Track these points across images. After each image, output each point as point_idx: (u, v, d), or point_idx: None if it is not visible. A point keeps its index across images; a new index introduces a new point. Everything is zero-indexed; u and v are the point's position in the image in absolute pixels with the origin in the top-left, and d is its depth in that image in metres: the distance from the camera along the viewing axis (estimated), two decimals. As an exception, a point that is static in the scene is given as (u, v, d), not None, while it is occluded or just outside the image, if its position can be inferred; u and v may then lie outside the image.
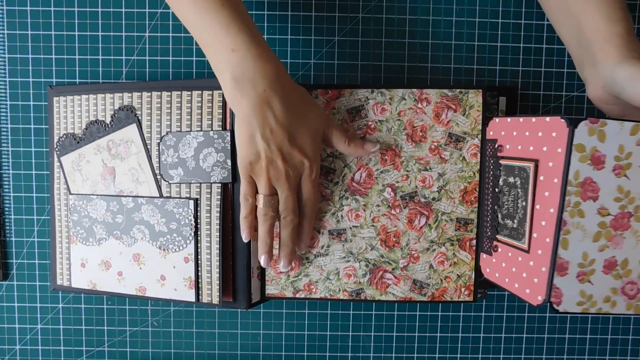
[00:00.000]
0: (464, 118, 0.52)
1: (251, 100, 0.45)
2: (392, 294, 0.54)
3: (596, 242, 0.41)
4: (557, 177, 0.41)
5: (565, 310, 0.41)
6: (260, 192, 0.49)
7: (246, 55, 0.44)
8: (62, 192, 0.58)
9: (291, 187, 0.48)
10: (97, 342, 0.63)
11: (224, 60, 0.45)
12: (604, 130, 0.39)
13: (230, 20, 0.45)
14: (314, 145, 0.48)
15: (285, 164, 0.47)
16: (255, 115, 0.45)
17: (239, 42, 0.44)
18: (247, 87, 0.45)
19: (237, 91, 0.45)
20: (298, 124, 0.47)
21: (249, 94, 0.45)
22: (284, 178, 0.47)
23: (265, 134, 0.46)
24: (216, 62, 0.46)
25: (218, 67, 0.46)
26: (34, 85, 0.59)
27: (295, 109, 0.47)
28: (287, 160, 0.47)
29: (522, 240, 0.45)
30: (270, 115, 0.45)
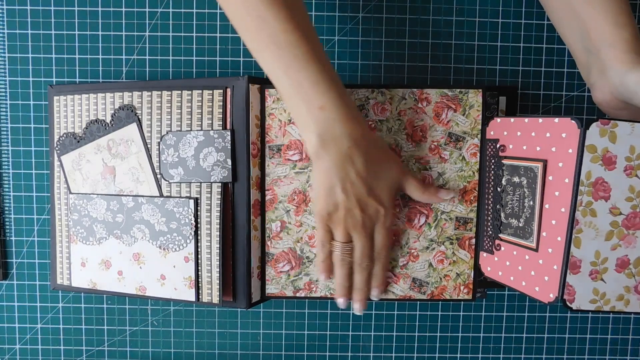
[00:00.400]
0: (463, 118, 0.52)
1: (334, 156, 0.45)
2: (392, 293, 0.54)
3: (608, 241, 0.42)
4: (568, 177, 0.41)
5: (578, 308, 0.42)
6: (337, 239, 0.50)
7: (334, 115, 0.45)
8: (62, 192, 0.59)
9: (367, 235, 0.49)
10: (97, 341, 0.63)
11: (310, 117, 0.45)
12: (615, 132, 0.40)
13: (319, 78, 0.44)
14: (390, 195, 0.49)
15: (363, 213, 0.48)
16: (337, 170, 0.46)
17: (326, 101, 0.44)
18: (332, 145, 0.45)
19: (322, 148, 0.45)
20: (377, 177, 0.48)
21: (332, 150, 0.45)
22: (360, 226, 0.48)
23: (345, 187, 0.46)
24: (300, 117, 0.46)
25: (302, 122, 0.46)
26: (34, 85, 0.59)
27: (376, 163, 0.47)
28: (364, 210, 0.48)
29: (529, 239, 0.46)
30: (352, 170, 0.46)
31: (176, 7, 0.58)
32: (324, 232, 0.50)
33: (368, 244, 0.50)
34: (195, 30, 0.58)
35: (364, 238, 0.49)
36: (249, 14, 0.44)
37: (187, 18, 0.58)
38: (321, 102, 0.44)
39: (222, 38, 0.58)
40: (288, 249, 0.54)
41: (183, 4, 0.58)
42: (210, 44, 0.59)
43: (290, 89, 0.45)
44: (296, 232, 0.54)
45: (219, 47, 0.59)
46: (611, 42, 0.46)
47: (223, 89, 0.52)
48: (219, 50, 0.59)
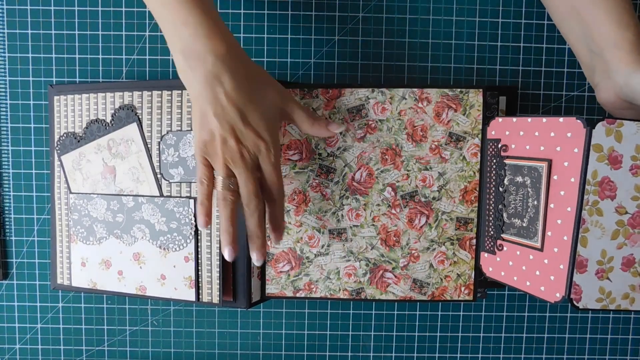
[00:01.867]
0: (464, 117, 0.52)
1: (200, 75, 0.43)
2: (392, 293, 0.54)
3: (614, 240, 0.42)
4: (574, 176, 0.41)
5: (585, 307, 0.42)
6: (217, 174, 0.46)
7: (196, 29, 0.42)
8: (62, 191, 0.58)
9: (249, 169, 0.45)
10: (97, 341, 0.63)
11: (175, 35, 0.43)
12: (621, 131, 0.40)
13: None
14: (269, 125, 0.45)
15: (239, 144, 0.44)
16: (206, 91, 0.43)
17: (190, 16, 0.43)
18: (197, 62, 0.43)
19: (187, 67, 0.43)
20: (251, 102, 0.44)
21: (198, 69, 0.43)
22: (239, 159, 0.44)
23: (216, 111, 0.43)
24: (169, 37, 0.44)
25: (170, 43, 0.44)
26: (34, 85, 0.59)
27: (249, 86, 0.44)
28: (240, 141, 0.44)
29: (534, 238, 0.46)
30: (221, 91, 0.43)
31: (176, 6, 0.58)
32: (202, 166, 0.46)
33: (251, 179, 0.45)
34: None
35: (245, 172, 0.45)
36: None
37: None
38: (184, 17, 0.42)
39: (222, 38, 0.58)
40: (288, 249, 0.54)
41: (183, 3, 0.58)
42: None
43: (158, 7, 0.44)
44: (296, 232, 0.54)
45: (219, 47, 0.59)
46: (615, 43, 0.46)
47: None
48: (219, 50, 0.59)
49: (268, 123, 0.45)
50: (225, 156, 0.45)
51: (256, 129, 0.44)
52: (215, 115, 0.43)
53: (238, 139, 0.44)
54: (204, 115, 0.44)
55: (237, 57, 0.44)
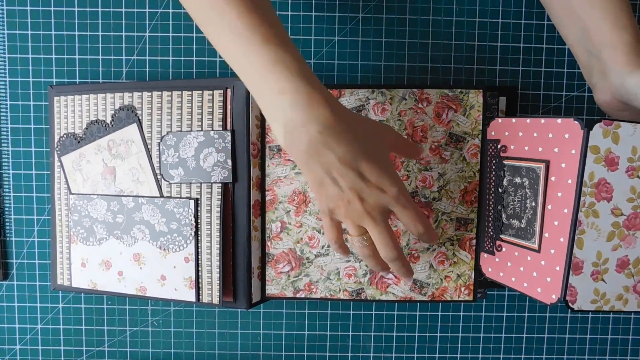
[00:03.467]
0: (464, 118, 0.52)
1: (307, 147, 0.41)
2: (393, 294, 0.54)
3: (610, 242, 0.42)
4: (571, 178, 0.41)
5: (580, 308, 0.42)
6: (350, 234, 0.46)
7: (295, 98, 0.40)
8: (62, 192, 0.58)
9: (380, 225, 0.44)
10: (97, 342, 0.63)
11: (272, 105, 0.41)
12: (618, 132, 0.40)
13: (276, 60, 0.40)
14: (387, 172, 0.43)
15: (365, 204, 0.43)
16: (316, 160, 0.41)
17: (285, 84, 0.40)
18: (300, 133, 0.40)
19: (290, 139, 0.41)
20: (365, 158, 0.42)
21: (302, 140, 0.40)
22: (367, 219, 0.43)
23: (334, 178, 0.42)
24: (264, 107, 0.42)
25: (268, 112, 0.42)
26: (34, 85, 0.59)
27: (358, 144, 0.42)
28: (365, 200, 0.42)
29: (531, 240, 0.46)
30: (332, 157, 0.41)
31: (176, 7, 0.58)
32: (329, 228, 0.46)
33: (384, 232, 0.44)
34: (195, 30, 0.58)
35: (376, 227, 0.44)
36: (203, 6, 0.42)
37: (187, 18, 0.58)
38: (279, 85, 0.40)
39: (222, 38, 0.58)
40: (288, 250, 0.54)
41: (183, 4, 0.58)
42: (210, 44, 0.58)
43: (249, 76, 0.42)
44: (296, 232, 0.54)
45: (219, 48, 0.59)
46: (612, 44, 0.46)
47: (223, 89, 0.52)
48: (219, 50, 0.59)
49: (386, 170, 0.43)
50: (354, 218, 0.44)
51: (377, 184, 0.42)
52: (333, 182, 0.42)
53: (362, 199, 0.43)
54: (321, 184, 0.43)
55: (342, 119, 0.41)
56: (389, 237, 0.44)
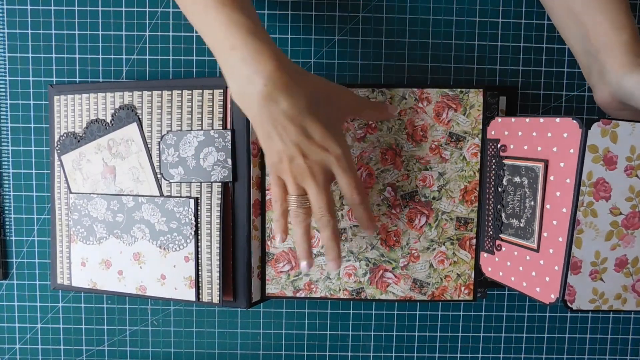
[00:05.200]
0: (464, 117, 0.52)
1: (255, 99, 0.42)
2: (393, 293, 0.54)
3: (608, 241, 0.42)
4: (569, 177, 0.41)
5: (578, 308, 0.42)
6: (289, 192, 0.46)
7: (244, 53, 0.42)
8: (62, 191, 0.58)
9: (319, 184, 0.45)
10: (97, 341, 0.63)
11: (226, 61, 0.43)
12: (616, 132, 0.40)
13: (230, 19, 0.43)
14: (334, 133, 0.44)
15: (307, 161, 0.44)
16: (263, 113, 0.43)
17: (236, 40, 0.42)
18: (249, 87, 0.42)
19: (240, 93, 0.43)
20: (311, 115, 0.43)
21: (251, 93, 0.42)
22: (308, 175, 0.44)
23: (279, 132, 0.43)
24: (221, 64, 0.44)
25: (224, 70, 0.44)
26: (34, 84, 0.59)
27: (306, 100, 0.43)
28: (306, 156, 0.44)
29: (530, 239, 0.46)
30: (277, 111, 0.42)
31: (176, 7, 0.58)
32: (275, 186, 0.47)
33: (323, 194, 0.45)
34: (195, 30, 0.58)
35: (315, 188, 0.45)
36: None
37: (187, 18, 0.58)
38: (230, 42, 0.42)
39: (223, 38, 0.58)
40: (288, 249, 0.54)
41: (183, 3, 0.58)
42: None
43: (208, 37, 0.44)
44: (296, 232, 0.54)
45: (219, 47, 0.59)
46: (610, 45, 0.46)
47: (223, 88, 0.52)
48: (219, 50, 0.59)
49: (333, 132, 0.44)
50: (295, 174, 0.45)
51: (321, 142, 0.44)
52: (278, 136, 0.43)
53: (305, 155, 0.44)
54: (268, 138, 0.44)
55: (289, 73, 0.43)
56: (326, 200, 0.45)
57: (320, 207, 0.45)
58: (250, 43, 0.42)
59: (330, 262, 0.48)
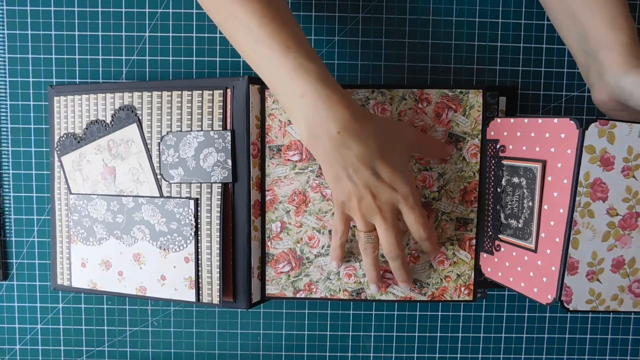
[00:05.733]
0: (464, 118, 0.52)
1: (327, 145, 0.44)
2: (393, 294, 0.54)
3: (605, 242, 0.42)
4: (566, 177, 0.41)
5: (575, 309, 0.42)
6: (358, 228, 0.49)
7: (316, 100, 0.43)
8: (62, 192, 0.58)
9: (388, 222, 0.47)
10: (97, 342, 0.63)
11: (294, 108, 0.44)
12: (614, 132, 0.40)
13: (296, 65, 0.43)
14: (402, 173, 0.46)
15: (376, 201, 0.46)
16: (335, 158, 0.44)
17: (305, 88, 0.43)
18: (321, 132, 0.43)
19: (312, 138, 0.44)
20: (381, 158, 0.45)
21: (323, 139, 0.44)
22: (378, 215, 0.47)
23: (350, 175, 0.45)
24: (287, 109, 0.46)
25: (290, 115, 0.45)
26: (34, 85, 0.59)
27: (376, 144, 0.45)
28: (376, 196, 0.46)
29: (528, 240, 0.46)
30: (350, 155, 0.44)
31: (176, 7, 0.58)
32: (339, 220, 0.49)
33: (391, 231, 0.47)
34: (195, 30, 0.58)
35: (384, 225, 0.47)
36: (227, 16, 0.45)
37: (187, 18, 0.58)
38: (300, 89, 0.43)
39: (222, 38, 0.58)
40: (288, 250, 0.54)
41: (183, 4, 0.58)
42: (210, 44, 0.59)
43: (272, 82, 0.45)
44: (296, 232, 0.54)
45: (219, 47, 0.59)
46: (608, 45, 0.46)
47: (223, 89, 0.52)
48: (219, 50, 0.59)
49: (401, 171, 0.46)
50: (364, 213, 0.47)
51: (390, 183, 0.46)
52: (348, 178, 0.45)
53: (374, 195, 0.46)
54: (338, 179, 0.46)
55: (360, 121, 0.44)
56: (394, 235, 0.47)
57: (389, 243, 0.48)
58: (320, 90, 0.43)
59: (402, 283, 0.52)
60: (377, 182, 0.45)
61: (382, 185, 0.45)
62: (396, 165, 0.46)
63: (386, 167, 0.45)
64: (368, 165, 0.45)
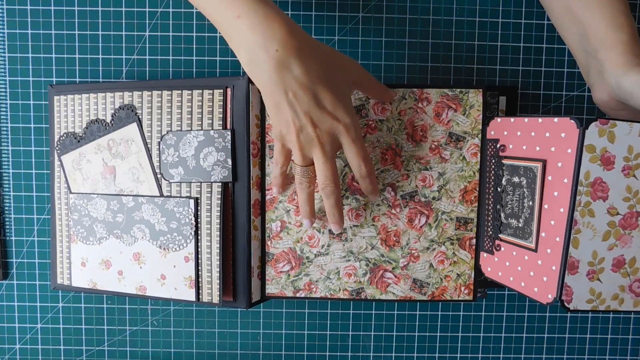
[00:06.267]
0: (464, 117, 0.52)
1: (266, 66, 0.42)
2: (393, 293, 0.54)
3: (605, 241, 0.42)
4: (567, 177, 0.41)
5: (575, 308, 0.42)
6: (295, 162, 0.47)
7: (252, 20, 0.42)
8: (62, 191, 0.58)
9: (327, 155, 0.45)
10: (97, 341, 0.63)
11: (233, 31, 0.43)
12: (614, 131, 0.40)
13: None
14: (344, 103, 0.44)
15: (316, 130, 0.44)
16: (274, 80, 0.42)
17: (242, 8, 0.42)
18: (260, 52, 0.42)
19: (252, 60, 0.42)
20: (323, 84, 0.43)
21: (262, 59, 0.42)
22: (317, 146, 0.45)
23: (290, 101, 0.43)
24: (227, 35, 0.44)
25: (230, 41, 0.44)
26: (34, 84, 0.59)
27: (318, 67, 0.43)
28: (317, 126, 0.44)
29: (529, 239, 0.46)
30: (289, 77, 0.42)
31: (176, 7, 0.58)
32: (279, 152, 0.48)
33: (328, 164, 0.46)
34: (195, 30, 0.58)
35: (322, 158, 0.45)
36: None
37: (187, 18, 0.58)
38: (236, 11, 0.42)
39: (222, 38, 0.58)
40: (288, 249, 0.54)
41: (183, 4, 0.58)
42: (210, 44, 0.59)
43: (207, 8, 0.44)
44: (296, 232, 0.54)
45: (219, 47, 0.59)
46: (608, 44, 0.46)
47: (223, 88, 0.52)
48: (219, 50, 0.59)
49: (343, 101, 0.44)
50: (303, 144, 0.45)
51: (332, 111, 0.44)
52: (288, 105, 0.43)
53: (315, 125, 0.44)
54: (278, 107, 0.44)
55: (300, 39, 0.42)
56: (331, 170, 0.46)
57: (325, 177, 0.46)
58: (257, 9, 0.42)
59: (333, 224, 0.50)
60: (317, 110, 0.43)
61: (323, 113, 0.44)
62: (339, 94, 0.44)
63: (328, 95, 0.43)
64: (309, 90, 0.43)
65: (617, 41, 0.46)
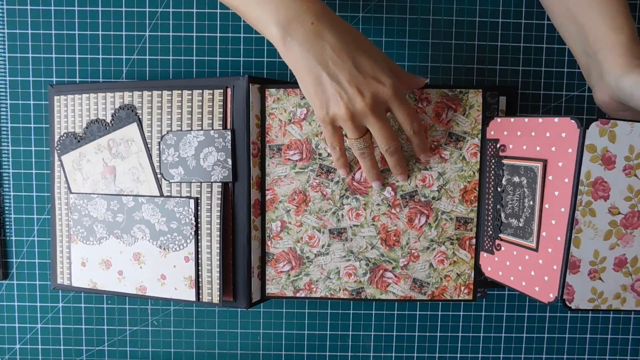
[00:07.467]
0: (464, 118, 0.52)
1: (302, 38, 0.42)
2: (393, 293, 0.54)
3: (607, 241, 0.42)
4: (567, 177, 0.41)
5: (577, 307, 0.42)
6: (350, 137, 0.47)
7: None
8: (62, 191, 0.59)
9: (381, 119, 0.45)
10: (97, 341, 0.63)
11: (263, 10, 0.42)
12: (615, 131, 0.40)
13: None
14: (382, 66, 0.44)
15: (364, 99, 0.43)
16: (312, 53, 0.42)
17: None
18: (294, 26, 0.42)
19: (285, 35, 0.42)
20: (359, 49, 0.43)
21: (297, 33, 0.42)
22: (369, 115, 0.44)
23: (330, 71, 0.42)
24: (255, 15, 0.43)
25: (259, 20, 0.43)
26: (34, 84, 0.59)
27: (350, 36, 0.43)
28: (364, 94, 0.43)
29: (529, 239, 0.46)
30: (327, 47, 0.42)
31: (176, 7, 0.58)
32: (330, 133, 0.47)
33: (385, 126, 0.45)
34: (195, 30, 0.58)
35: (377, 123, 0.45)
36: None
37: (187, 18, 0.58)
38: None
39: (222, 38, 0.58)
40: (288, 249, 0.54)
41: (183, 4, 0.58)
42: (210, 44, 0.59)
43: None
44: (296, 232, 0.54)
45: (219, 47, 0.59)
46: (608, 46, 0.46)
47: (223, 88, 0.52)
48: (219, 50, 0.59)
49: (381, 64, 0.44)
50: (355, 117, 0.44)
51: (374, 75, 0.43)
52: (330, 76, 0.43)
53: (361, 93, 0.43)
54: (319, 82, 0.43)
55: (332, 13, 0.43)
56: (390, 130, 0.46)
57: (385, 139, 0.46)
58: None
59: (400, 175, 0.51)
60: (360, 76, 0.43)
61: (367, 77, 0.43)
62: (375, 58, 0.44)
63: (366, 59, 0.43)
64: (348, 56, 0.42)
65: (616, 43, 0.46)
